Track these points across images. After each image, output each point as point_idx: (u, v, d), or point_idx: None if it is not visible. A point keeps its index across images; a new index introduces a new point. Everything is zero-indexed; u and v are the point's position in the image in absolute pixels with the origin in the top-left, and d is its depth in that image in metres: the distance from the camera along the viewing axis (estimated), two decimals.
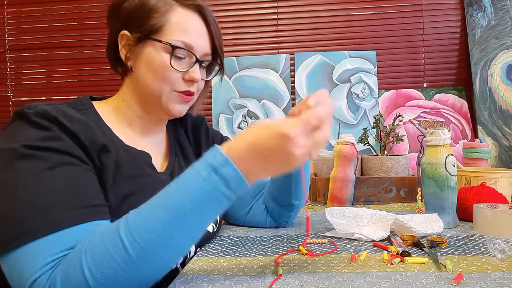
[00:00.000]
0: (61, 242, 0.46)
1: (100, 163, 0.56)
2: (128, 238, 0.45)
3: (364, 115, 1.58)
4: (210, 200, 0.48)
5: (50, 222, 0.46)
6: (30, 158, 0.49)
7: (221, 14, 1.67)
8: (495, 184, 0.92)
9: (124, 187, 0.58)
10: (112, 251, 0.45)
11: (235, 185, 0.48)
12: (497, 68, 1.46)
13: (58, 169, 0.49)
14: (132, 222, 0.47)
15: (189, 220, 0.47)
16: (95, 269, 0.44)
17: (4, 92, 1.74)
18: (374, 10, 1.63)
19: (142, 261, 0.45)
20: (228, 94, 1.64)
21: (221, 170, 0.47)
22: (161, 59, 0.63)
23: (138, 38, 0.64)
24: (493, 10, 1.50)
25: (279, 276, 0.53)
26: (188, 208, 0.47)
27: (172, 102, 0.66)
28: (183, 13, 0.65)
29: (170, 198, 0.48)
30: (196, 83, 0.67)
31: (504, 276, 0.51)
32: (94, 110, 0.64)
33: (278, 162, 0.49)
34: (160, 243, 0.46)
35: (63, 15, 1.71)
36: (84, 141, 0.53)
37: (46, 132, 0.51)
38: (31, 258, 0.44)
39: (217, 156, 0.48)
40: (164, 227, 0.46)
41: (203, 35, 0.67)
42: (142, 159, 0.65)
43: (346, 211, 0.76)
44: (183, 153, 0.78)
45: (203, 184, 0.47)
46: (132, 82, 0.68)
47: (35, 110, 0.52)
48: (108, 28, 0.68)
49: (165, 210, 0.47)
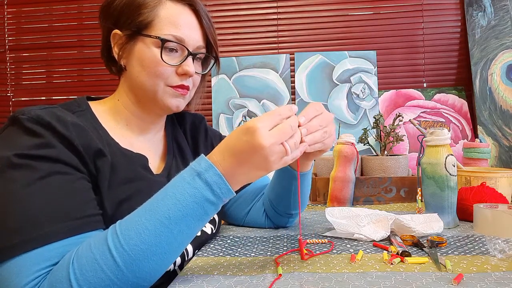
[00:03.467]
0: (49, 256, 0.45)
1: (96, 168, 0.55)
2: (116, 247, 0.45)
3: (364, 115, 1.58)
4: (195, 204, 0.48)
5: (40, 236, 0.45)
6: (22, 168, 0.48)
7: (221, 14, 1.67)
8: (495, 184, 0.92)
9: (120, 191, 0.58)
10: (100, 261, 0.45)
11: (219, 190, 0.49)
12: (497, 68, 1.46)
13: (50, 179, 0.49)
14: (119, 230, 0.47)
15: (175, 226, 0.47)
16: (82, 280, 0.44)
17: (4, 92, 1.74)
18: (374, 10, 1.63)
19: (129, 270, 0.45)
20: (228, 94, 1.64)
21: (204, 175, 0.49)
22: (152, 54, 0.63)
23: (129, 35, 0.63)
24: (493, 10, 1.50)
25: (279, 276, 0.53)
26: (173, 213, 0.47)
27: (167, 97, 0.66)
28: (172, 7, 0.64)
29: (157, 204, 0.48)
30: (190, 77, 0.66)
31: (504, 276, 0.50)
32: (91, 112, 0.63)
33: (253, 158, 0.49)
34: (147, 250, 0.46)
35: (63, 15, 1.71)
36: (78, 147, 0.53)
37: (38, 139, 0.50)
38: (18, 272, 0.44)
39: (201, 162, 0.50)
40: (150, 233, 0.46)
41: (194, 28, 0.66)
42: (138, 162, 0.64)
43: (346, 211, 0.76)
44: (181, 154, 0.77)
45: (188, 189, 0.48)
46: (127, 81, 0.67)
47: (28, 115, 0.51)
48: (101, 29, 0.68)
49: (152, 216, 0.47)
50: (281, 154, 0.50)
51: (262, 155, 0.48)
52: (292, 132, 0.51)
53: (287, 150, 0.50)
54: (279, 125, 0.50)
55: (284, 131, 0.50)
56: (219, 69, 0.75)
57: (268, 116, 0.50)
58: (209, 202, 0.49)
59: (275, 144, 0.49)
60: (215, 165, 0.50)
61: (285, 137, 0.50)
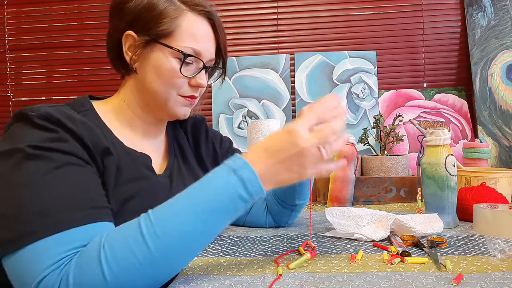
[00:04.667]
0: (68, 240, 0.46)
1: (103, 165, 0.56)
2: (149, 233, 0.46)
3: (364, 115, 1.58)
4: (229, 199, 0.49)
5: (58, 222, 0.46)
6: (37, 158, 0.49)
7: (221, 14, 1.65)
8: (495, 184, 0.92)
9: (125, 190, 0.58)
10: (133, 245, 0.45)
11: (252, 188, 0.50)
12: (497, 68, 1.46)
13: (65, 168, 0.49)
14: (153, 217, 0.47)
15: (207, 217, 0.48)
16: (113, 262, 0.44)
17: (4, 92, 1.74)
18: (374, 10, 1.63)
19: (161, 256, 0.46)
20: (228, 94, 1.64)
21: (239, 171, 0.50)
22: (170, 64, 0.63)
23: (146, 41, 0.63)
24: (493, 10, 1.50)
25: (279, 276, 0.53)
26: (207, 205, 0.48)
27: (177, 106, 0.67)
28: (193, 19, 0.64)
29: (192, 195, 0.50)
30: (202, 88, 0.68)
31: (504, 276, 0.50)
32: (94, 111, 0.63)
33: (291, 160, 0.51)
34: (179, 237, 0.47)
35: (63, 15, 1.71)
36: (88, 143, 0.53)
37: (51, 134, 0.51)
38: (37, 257, 0.44)
39: (237, 160, 0.51)
40: (184, 222, 0.47)
41: (210, 41, 0.67)
42: (142, 161, 0.65)
43: (346, 211, 0.76)
44: (182, 154, 0.77)
45: (222, 184, 0.49)
46: (136, 84, 0.67)
47: (38, 112, 0.52)
48: (109, 27, 0.67)
49: (186, 206, 0.48)
50: (317, 158, 0.51)
51: (299, 155, 0.50)
52: (332, 137, 0.52)
53: (323, 154, 0.51)
54: (322, 129, 0.51)
55: (325, 135, 0.51)
56: (224, 79, 0.76)
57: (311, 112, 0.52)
58: (241, 199, 0.50)
59: (313, 146, 0.50)
60: (250, 163, 0.51)
61: (325, 141, 0.51)
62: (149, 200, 0.53)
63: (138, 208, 0.51)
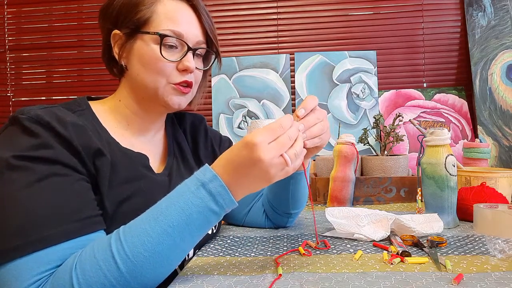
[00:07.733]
0: (49, 259, 0.45)
1: (95, 168, 0.55)
2: (119, 254, 0.46)
3: (364, 115, 1.58)
4: (199, 214, 0.49)
5: (39, 239, 0.45)
6: (20, 169, 0.48)
7: (221, 14, 1.67)
8: (495, 184, 0.92)
9: (121, 190, 0.58)
10: (103, 267, 0.45)
11: (223, 201, 0.50)
12: (497, 68, 1.46)
13: (48, 181, 0.48)
14: (123, 237, 0.47)
15: (178, 234, 0.48)
16: (85, 285, 0.44)
17: (4, 92, 1.74)
18: (374, 10, 1.63)
19: (132, 277, 0.46)
20: (228, 94, 1.64)
21: (208, 185, 0.49)
22: (151, 51, 0.62)
23: (128, 33, 0.63)
24: (493, 10, 1.50)
25: (279, 276, 0.53)
26: (177, 222, 0.48)
27: (169, 94, 0.65)
28: (170, 3, 0.64)
29: (161, 212, 0.49)
30: (191, 72, 0.66)
31: (504, 276, 0.51)
32: (91, 111, 0.63)
33: (253, 171, 0.50)
34: (150, 257, 0.46)
35: (63, 15, 1.71)
36: (77, 147, 0.53)
37: (36, 140, 0.50)
38: (18, 275, 0.44)
39: (206, 172, 0.51)
40: (154, 242, 0.47)
41: (193, 23, 0.66)
42: (139, 161, 0.64)
43: (346, 211, 0.76)
44: (181, 154, 0.77)
45: (192, 199, 0.49)
46: (128, 81, 0.67)
47: (28, 115, 0.52)
48: (101, 31, 0.68)
49: (155, 224, 0.48)
50: (282, 166, 0.51)
51: (262, 168, 0.49)
52: (290, 143, 0.51)
53: (287, 161, 0.51)
54: (278, 138, 0.50)
55: (283, 143, 0.50)
56: (221, 65, 0.74)
57: (268, 129, 0.50)
58: (213, 212, 0.50)
59: (275, 157, 0.49)
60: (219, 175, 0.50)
61: (284, 148, 0.50)
62: (147, 199, 0.52)
63: (136, 208, 0.51)
